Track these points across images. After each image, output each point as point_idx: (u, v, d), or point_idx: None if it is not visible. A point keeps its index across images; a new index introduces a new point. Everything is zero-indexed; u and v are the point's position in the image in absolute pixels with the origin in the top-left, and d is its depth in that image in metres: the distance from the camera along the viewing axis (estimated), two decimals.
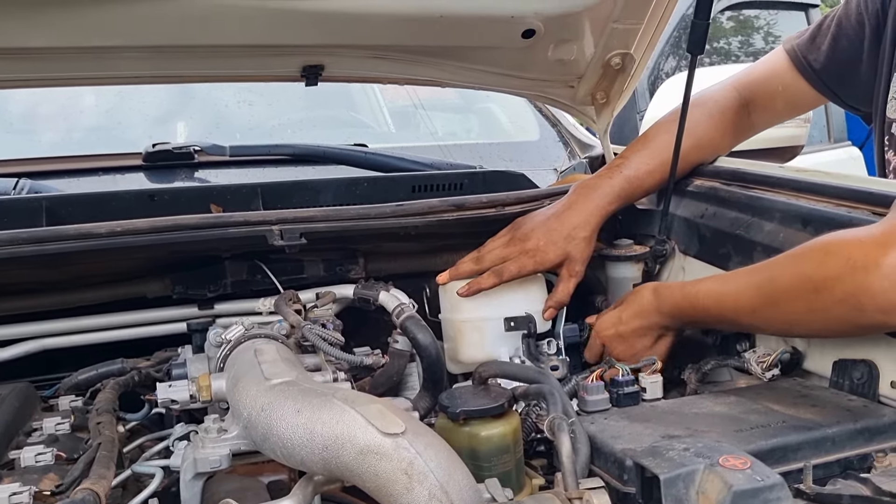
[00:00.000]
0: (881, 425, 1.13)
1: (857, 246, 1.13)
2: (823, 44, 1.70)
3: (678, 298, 1.39)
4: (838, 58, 1.70)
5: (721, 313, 1.33)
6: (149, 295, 1.55)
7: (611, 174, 1.64)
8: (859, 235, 1.17)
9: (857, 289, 1.12)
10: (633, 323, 1.44)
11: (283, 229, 1.45)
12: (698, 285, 1.38)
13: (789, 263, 1.24)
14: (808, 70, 1.71)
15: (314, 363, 1.34)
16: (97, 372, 1.45)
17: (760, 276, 1.28)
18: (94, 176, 2.06)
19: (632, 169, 1.63)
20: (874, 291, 1.10)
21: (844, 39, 1.70)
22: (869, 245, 1.12)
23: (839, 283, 1.14)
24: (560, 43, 1.75)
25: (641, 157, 1.65)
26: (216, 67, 1.71)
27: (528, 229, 1.58)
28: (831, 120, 4.55)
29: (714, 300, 1.33)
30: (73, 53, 1.52)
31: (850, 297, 1.13)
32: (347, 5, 1.52)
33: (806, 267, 1.20)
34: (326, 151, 2.17)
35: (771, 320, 1.27)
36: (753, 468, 0.94)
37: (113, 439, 1.19)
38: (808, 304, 1.19)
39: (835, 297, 1.15)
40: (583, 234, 1.56)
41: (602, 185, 1.62)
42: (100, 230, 1.38)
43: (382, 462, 0.90)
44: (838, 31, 1.70)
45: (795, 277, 1.21)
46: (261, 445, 1.04)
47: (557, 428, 1.07)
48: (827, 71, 1.70)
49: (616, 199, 1.61)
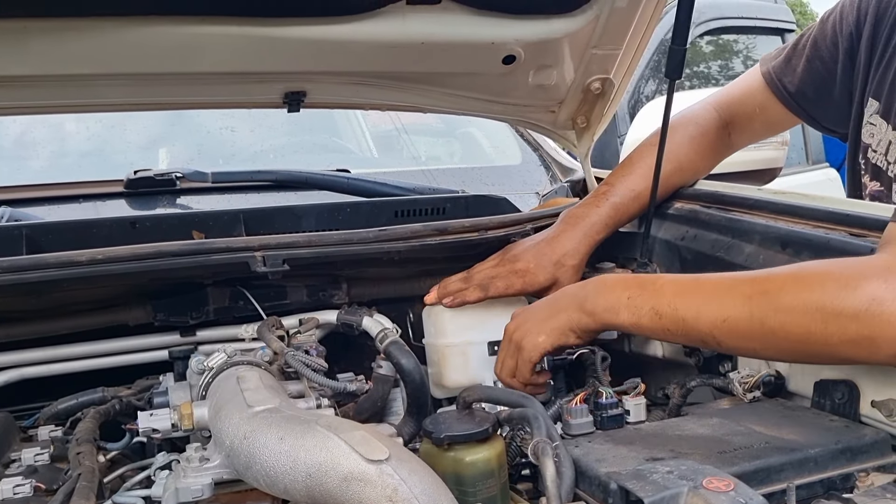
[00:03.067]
0: (863, 445, 1.14)
1: (882, 285, 1.02)
2: (798, 66, 1.72)
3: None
4: (813, 80, 1.72)
5: (676, 309, 1.19)
6: (130, 322, 1.54)
7: (598, 202, 1.64)
8: (879, 271, 1.05)
9: (878, 333, 1.02)
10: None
11: (265, 255, 1.45)
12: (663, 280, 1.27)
13: (794, 284, 1.11)
14: (784, 93, 1.73)
15: (297, 390, 1.34)
16: (77, 401, 1.44)
17: (752, 287, 1.16)
18: (76, 203, 2.05)
19: (618, 196, 1.64)
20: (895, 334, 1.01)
21: (818, 61, 1.71)
22: (893, 284, 1.02)
23: (855, 322, 1.03)
24: (540, 68, 1.77)
25: (626, 182, 1.65)
26: (198, 94, 1.72)
27: (519, 251, 1.58)
28: (809, 142, 4.62)
29: (673, 293, 1.21)
30: (55, 81, 1.52)
31: (866, 339, 1.04)
32: (329, 32, 1.53)
33: (818, 296, 1.07)
34: (309, 177, 2.17)
35: (746, 337, 1.15)
36: (737, 490, 0.94)
37: (93, 469, 1.18)
38: (807, 334, 1.08)
39: (846, 336, 1.05)
40: (572, 262, 1.56)
41: (590, 214, 1.62)
42: (81, 258, 1.37)
43: (367, 489, 0.90)
44: (813, 52, 1.72)
45: (801, 303, 1.08)
46: (244, 474, 1.04)
47: (541, 452, 1.07)
48: (802, 94, 1.72)
49: (604, 227, 1.62)
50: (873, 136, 1.66)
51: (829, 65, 1.71)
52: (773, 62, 1.76)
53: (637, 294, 1.24)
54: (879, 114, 1.65)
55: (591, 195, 1.70)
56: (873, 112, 1.66)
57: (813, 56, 1.72)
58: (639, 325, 1.24)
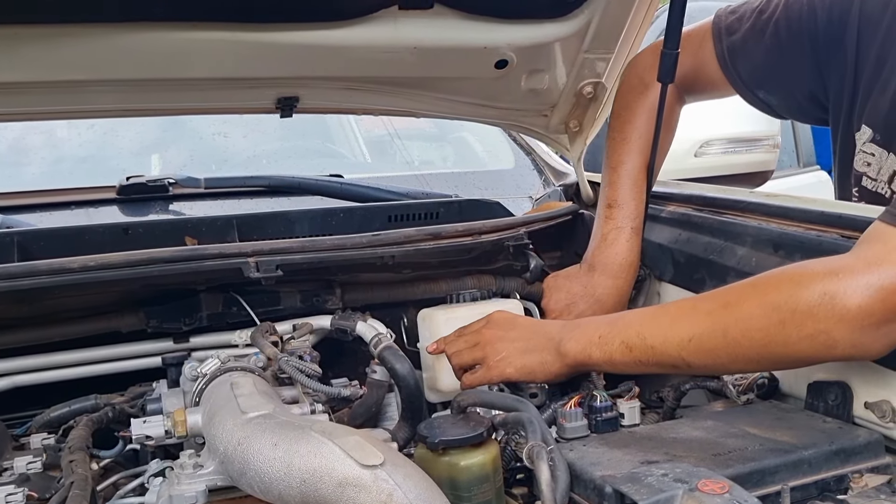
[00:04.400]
0: (856, 446, 1.14)
1: (833, 280, 1.07)
2: (758, 52, 1.62)
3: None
4: (774, 73, 1.63)
5: (644, 338, 1.23)
6: (123, 329, 1.53)
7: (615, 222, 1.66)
8: (832, 267, 1.10)
9: (832, 326, 1.07)
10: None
11: (258, 261, 1.45)
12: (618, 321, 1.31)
13: (750, 291, 1.17)
14: (738, 81, 1.65)
15: (291, 395, 1.33)
16: (70, 409, 1.43)
17: (711, 302, 1.21)
18: (67, 210, 2.04)
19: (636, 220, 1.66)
20: (851, 329, 1.06)
21: (778, 52, 1.61)
22: (846, 278, 1.06)
23: (811, 318, 1.08)
24: (533, 73, 1.77)
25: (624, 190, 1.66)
26: (191, 100, 1.71)
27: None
28: (800, 145, 4.64)
29: (640, 322, 1.25)
30: (47, 88, 1.52)
31: (822, 333, 1.08)
32: (321, 37, 1.53)
33: (772, 296, 1.12)
34: (302, 182, 2.17)
35: (712, 352, 1.18)
36: (732, 492, 0.95)
37: (86, 477, 1.17)
38: (766, 336, 1.12)
39: (802, 333, 1.09)
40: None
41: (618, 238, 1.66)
42: (72, 265, 1.36)
43: (361, 494, 0.90)
44: (774, 42, 1.61)
45: (757, 305, 1.13)
46: (237, 480, 1.03)
47: (536, 456, 1.07)
48: (758, 84, 1.65)
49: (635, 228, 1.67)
50: (870, 166, 1.59)
51: (793, 60, 1.62)
52: (729, 39, 1.65)
53: (607, 332, 1.28)
54: (876, 142, 1.57)
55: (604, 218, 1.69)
56: (867, 140, 1.58)
57: (773, 46, 1.61)
58: (612, 360, 1.27)
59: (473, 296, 1.60)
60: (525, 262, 1.74)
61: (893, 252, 1.07)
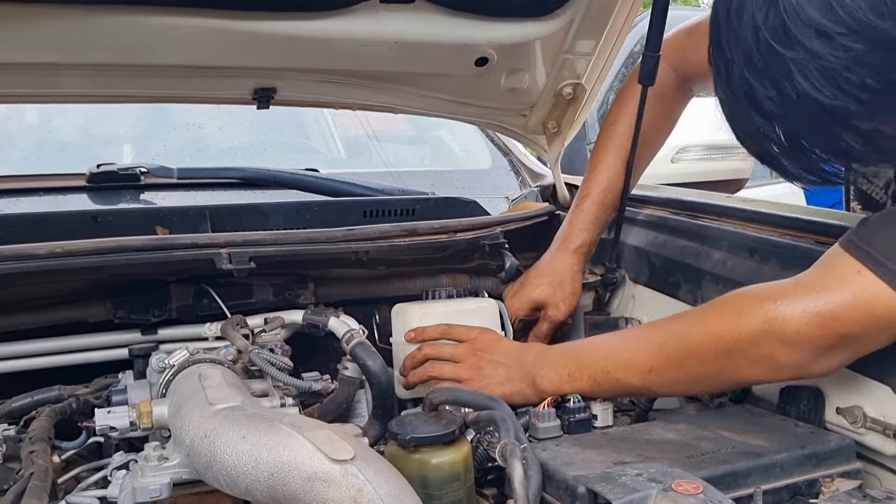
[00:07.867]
0: (828, 451, 1.15)
1: (772, 306, 1.10)
2: None
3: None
4: None
5: (608, 373, 1.27)
6: (90, 319, 1.49)
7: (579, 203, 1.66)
8: (772, 293, 1.13)
9: (776, 350, 1.10)
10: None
11: (231, 252, 1.42)
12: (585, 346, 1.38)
13: (697, 322, 1.21)
14: None
15: (261, 389, 1.31)
16: (32, 399, 1.38)
17: (664, 334, 1.24)
18: (35, 196, 1.99)
19: (595, 190, 1.66)
20: (793, 352, 1.09)
21: None
22: (783, 304, 1.09)
23: (754, 345, 1.11)
24: (513, 72, 1.77)
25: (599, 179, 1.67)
26: (166, 87, 1.68)
27: None
28: None
29: (603, 358, 1.29)
30: (16, 70, 1.48)
31: (767, 358, 1.11)
32: (301, 28, 1.51)
33: (716, 327, 1.16)
34: (277, 176, 2.14)
35: (672, 382, 1.23)
36: (706, 493, 0.94)
37: (46, 469, 1.14)
38: (717, 365, 1.16)
39: (749, 359, 1.13)
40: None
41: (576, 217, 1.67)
42: (39, 251, 1.33)
43: (331, 489, 0.88)
44: None
45: (705, 337, 1.17)
46: (203, 474, 1.01)
47: (510, 454, 1.06)
48: None
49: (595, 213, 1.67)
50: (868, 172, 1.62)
51: None
52: None
53: (575, 368, 1.32)
54: None
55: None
56: None
57: None
58: (583, 392, 1.31)
59: (449, 293, 1.59)
60: (500, 262, 1.73)
61: (833, 278, 1.09)
